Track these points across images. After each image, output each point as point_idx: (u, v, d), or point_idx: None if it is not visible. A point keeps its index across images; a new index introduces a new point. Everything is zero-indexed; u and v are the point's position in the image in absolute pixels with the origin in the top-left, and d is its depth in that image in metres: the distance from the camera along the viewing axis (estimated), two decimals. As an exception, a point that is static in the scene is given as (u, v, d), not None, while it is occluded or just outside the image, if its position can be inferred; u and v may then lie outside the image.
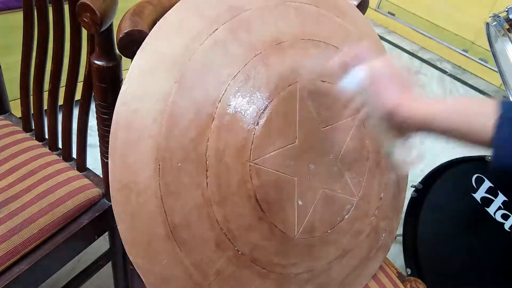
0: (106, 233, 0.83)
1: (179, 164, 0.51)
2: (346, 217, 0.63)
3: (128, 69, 0.51)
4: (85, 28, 0.54)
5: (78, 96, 0.76)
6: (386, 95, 0.48)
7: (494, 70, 2.18)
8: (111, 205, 0.53)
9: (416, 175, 1.63)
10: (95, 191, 0.77)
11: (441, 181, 1.14)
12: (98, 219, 0.76)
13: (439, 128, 0.47)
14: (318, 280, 0.64)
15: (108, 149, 0.52)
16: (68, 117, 0.79)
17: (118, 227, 0.53)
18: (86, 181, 0.78)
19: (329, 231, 0.61)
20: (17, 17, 0.90)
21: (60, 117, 0.81)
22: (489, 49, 1.28)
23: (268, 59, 0.56)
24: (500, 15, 1.12)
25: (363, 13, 0.72)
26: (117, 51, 0.53)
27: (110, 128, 0.52)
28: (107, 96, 0.60)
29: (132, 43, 0.51)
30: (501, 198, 0.99)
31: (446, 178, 1.13)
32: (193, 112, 0.52)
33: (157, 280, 0.55)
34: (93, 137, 0.73)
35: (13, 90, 0.93)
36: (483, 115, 0.44)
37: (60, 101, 0.80)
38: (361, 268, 0.71)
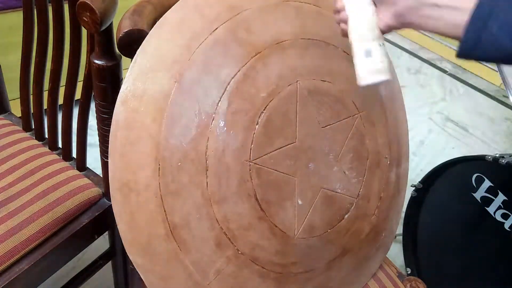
0: (106, 232, 0.83)
1: (179, 164, 0.51)
2: (346, 216, 0.63)
3: (128, 68, 0.51)
4: (85, 27, 0.54)
5: (78, 95, 0.76)
6: None
7: (494, 70, 2.18)
8: (111, 204, 0.53)
9: (416, 174, 1.63)
10: (95, 191, 0.77)
11: (441, 181, 1.14)
12: (98, 218, 0.76)
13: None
14: (318, 279, 0.64)
15: (108, 149, 0.52)
16: (68, 117, 0.79)
17: (118, 227, 0.53)
18: (86, 180, 0.78)
19: (329, 230, 0.61)
20: (17, 17, 0.90)
21: (60, 116, 0.81)
22: (489, 48, 1.27)
23: (268, 58, 0.56)
24: (500, 14, 1.12)
25: (363, 13, 0.72)
26: (117, 50, 0.53)
27: (110, 127, 0.52)
28: (107, 95, 0.60)
29: (132, 42, 0.51)
30: (501, 197, 0.99)
31: (446, 177, 1.13)
32: (193, 112, 0.52)
33: (157, 280, 0.55)
34: (93, 137, 0.73)
35: (13, 90, 0.93)
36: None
37: (60, 101, 0.80)
38: (361, 268, 0.71)
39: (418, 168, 1.67)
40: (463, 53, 0.44)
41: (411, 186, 1.17)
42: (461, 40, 0.44)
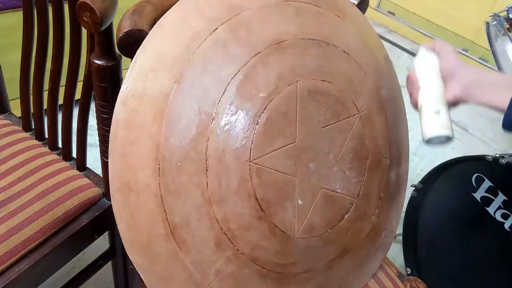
0: (106, 232, 0.83)
1: (179, 164, 0.51)
2: (346, 216, 0.63)
3: (128, 68, 0.51)
4: (85, 27, 0.54)
5: (78, 95, 0.76)
6: (450, 60, 0.62)
7: (494, 70, 2.18)
8: (111, 204, 0.53)
9: (416, 174, 1.63)
10: (95, 191, 0.77)
11: (441, 181, 1.14)
12: (98, 218, 0.76)
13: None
14: (318, 279, 0.64)
15: (108, 149, 0.52)
16: (68, 117, 0.79)
17: (118, 227, 0.53)
18: (86, 180, 0.78)
19: (329, 230, 0.61)
20: (17, 17, 0.90)
21: (60, 116, 0.81)
22: (489, 48, 1.28)
23: (268, 58, 0.56)
24: (500, 14, 1.12)
25: (363, 13, 0.72)
26: (117, 50, 0.53)
27: (110, 127, 0.52)
28: (107, 95, 0.60)
29: (132, 42, 0.51)
30: (501, 197, 0.99)
31: (446, 177, 1.13)
32: (193, 112, 0.52)
33: (157, 280, 0.55)
34: (93, 137, 0.73)
35: (13, 90, 0.93)
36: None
37: (60, 101, 0.80)
38: (361, 268, 0.71)
39: (418, 168, 1.67)
40: (507, 126, 0.55)
41: (411, 186, 1.17)
42: (505, 114, 0.54)
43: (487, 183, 1.02)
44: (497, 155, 0.95)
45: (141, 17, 0.52)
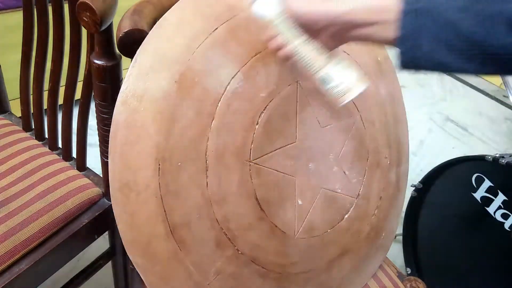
0: (106, 232, 0.82)
1: (179, 164, 0.51)
2: (346, 216, 0.63)
3: (128, 68, 0.51)
4: (85, 27, 0.54)
5: (78, 95, 0.76)
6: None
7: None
8: (111, 204, 0.53)
9: (416, 174, 1.63)
10: (95, 191, 0.77)
11: (441, 181, 1.14)
12: (98, 218, 0.76)
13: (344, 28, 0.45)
14: (318, 279, 0.64)
15: (108, 149, 0.52)
16: (68, 117, 0.79)
17: (118, 227, 0.53)
18: (86, 180, 0.78)
19: (329, 230, 0.61)
20: (16, 17, 0.90)
21: (60, 116, 0.81)
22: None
23: (268, 58, 0.56)
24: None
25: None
26: (117, 50, 0.53)
27: (110, 127, 0.52)
28: (107, 95, 0.60)
29: (132, 42, 0.51)
30: (501, 197, 0.99)
31: (446, 177, 1.13)
32: (193, 112, 0.52)
33: (157, 280, 0.55)
34: (93, 137, 0.73)
35: (13, 90, 0.93)
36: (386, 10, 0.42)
37: (60, 101, 0.80)
38: (361, 268, 0.71)
39: (418, 168, 1.67)
40: (404, 68, 0.43)
41: (411, 186, 1.17)
42: (398, 58, 0.42)
43: (487, 183, 1.02)
44: (497, 155, 0.95)
45: (141, 17, 0.52)
